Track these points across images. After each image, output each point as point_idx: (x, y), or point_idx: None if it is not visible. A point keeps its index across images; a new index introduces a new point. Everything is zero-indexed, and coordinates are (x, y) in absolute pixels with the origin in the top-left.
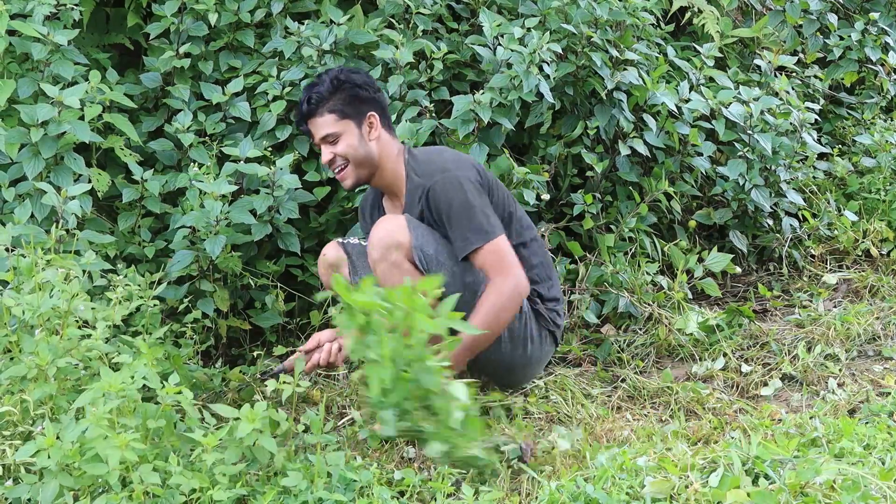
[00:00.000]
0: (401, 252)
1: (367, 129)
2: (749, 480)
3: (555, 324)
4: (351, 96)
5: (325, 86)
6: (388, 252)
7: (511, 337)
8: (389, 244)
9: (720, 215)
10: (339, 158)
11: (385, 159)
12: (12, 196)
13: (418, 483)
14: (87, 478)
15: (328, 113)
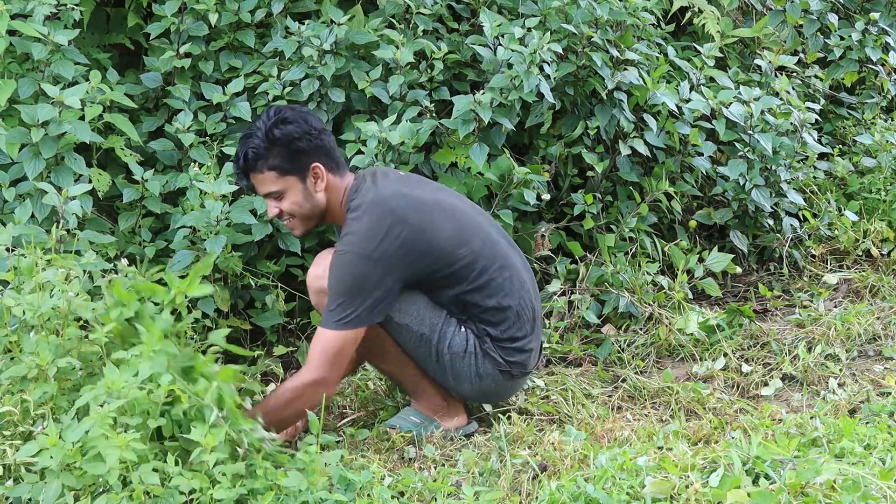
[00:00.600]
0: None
1: (313, 181)
2: (749, 480)
3: (508, 363)
4: (290, 151)
5: (260, 140)
6: (319, 297)
7: (454, 375)
8: (317, 288)
9: (721, 215)
10: (286, 214)
11: (333, 203)
12: (13, 196)
13: (418, 483)
14: (87, 477)
15: (268, 170)
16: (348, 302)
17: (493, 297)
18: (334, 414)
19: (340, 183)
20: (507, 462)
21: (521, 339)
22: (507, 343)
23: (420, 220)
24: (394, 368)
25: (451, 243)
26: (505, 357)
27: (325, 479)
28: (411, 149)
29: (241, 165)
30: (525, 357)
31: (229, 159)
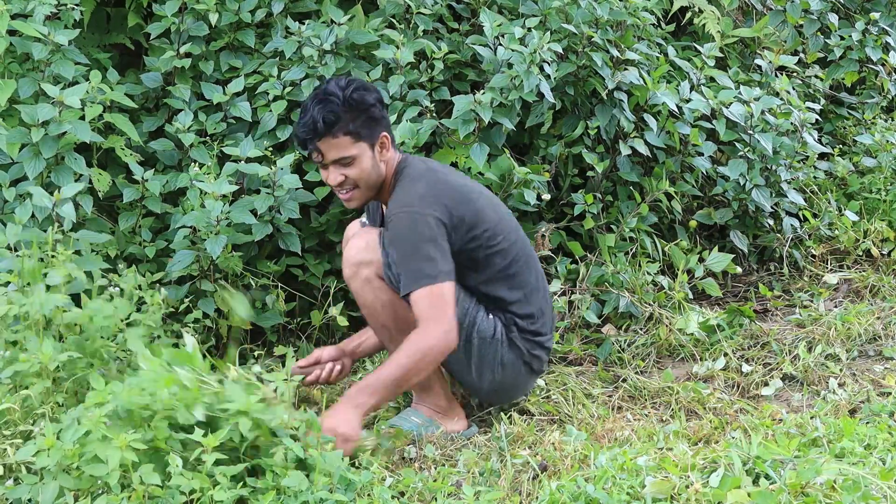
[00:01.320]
0: (370, 269)
1: (380, 150)
2: (749, 480)
3: (531, 354)
4: (367, 118)
5: (338, 105)
6: (358, 269)
7: (479, 362)
8: (358, 262)
9: (721, 215)
10: (349, 182)
11: (387, 176)
12: (13, 196)
13: (419, 483)
14: (87, 478)
15: (343, 135)
16: (431, 255)
17: (517, 290)
18: None
19: (394, 157)
20: (508, 462)
21: (543, 335)
22: (531, 336)
23: (471, 196)
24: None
25: (493, 227)
26: (529, 349)
27: (326, 479)
28: (412, 148)
29: (317, 129)
30: (544, 354)
31: (230, 159)
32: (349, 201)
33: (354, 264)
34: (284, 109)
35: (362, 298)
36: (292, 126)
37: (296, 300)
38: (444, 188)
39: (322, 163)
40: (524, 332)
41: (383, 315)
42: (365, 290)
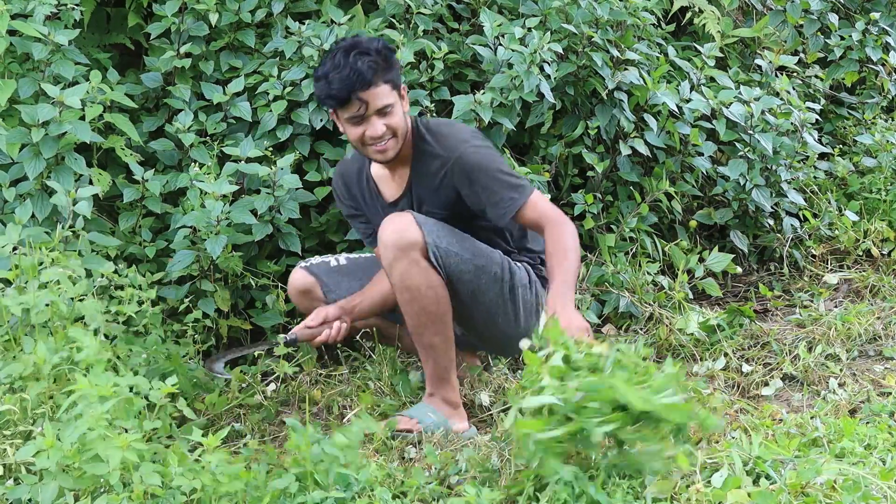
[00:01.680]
0: (416, 250)
1: (402, 101)
2: (750, 480)
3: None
4: (396, 69)
5: (374, 56)
6: (403, 252)
7: (525, 311)
8: (403, 244)
9: (721, 215)
10: (389, 131)
11: (408, 130)
12: (13, 196)
13: (421, 483)
14: (87, 478)
15: (383, 83)
16: (513, 172)
17: (526, 235)
18: (335, 414)
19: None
20: (508, 462)
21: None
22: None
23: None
24: (440, 344)
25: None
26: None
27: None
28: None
29: (363, 79)
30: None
31: (230, 159)
32: (385, 152)
33: (399, 248)
34: (284, 109)
35: (407, 281)
36: (292, 126)
37: None
38: (473, 128)
39: (363, 115)
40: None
41: (427, 297)
42: (412, 272)
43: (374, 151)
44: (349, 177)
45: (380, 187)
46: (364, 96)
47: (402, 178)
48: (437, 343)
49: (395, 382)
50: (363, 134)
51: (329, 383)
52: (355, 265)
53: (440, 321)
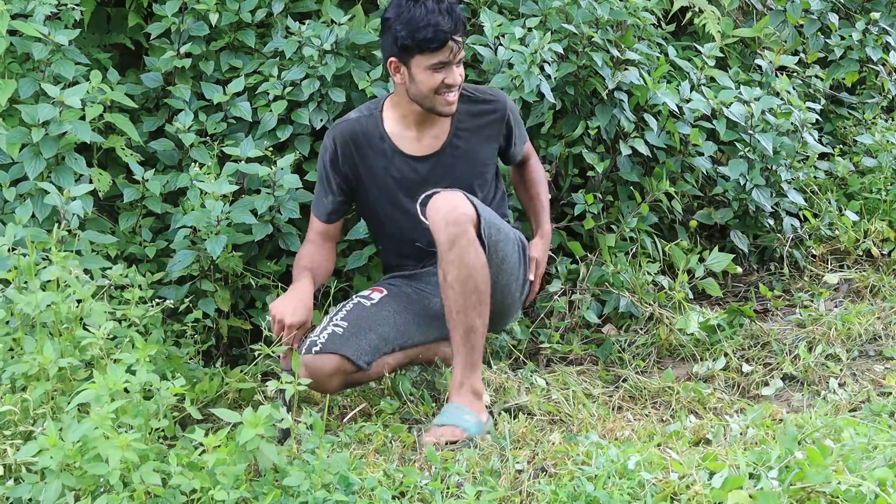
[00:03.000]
0: (472, 226)
1: None
2: (752, 483)
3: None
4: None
5: (458, 5)
6: (462, 229)
7: (525, 268)
8: (464, 220)
9: (721, 215)
10: (461, 82)
11: None
12: (13, 196)
13: (421, 483)
14: (88, 478)
15: (462, 34)
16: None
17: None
18: (335, 414)
19: None
20: (509, 462)
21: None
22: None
23: None
24: (480, 327)
25: None
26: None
27: (329, 477)
28: None
29: (460, 24)
30: None
31: (230, 159)
32: (452, 104)
33: (460, 224)
34: (285, 109)
35: (465, 259)
36: (292, 126)
37: None
38: None
39: (449, 61)
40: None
41: (481, 276)
42: (470, 250)
43: (443, 102)
44: (361, 134)
45: (399, 146)
46: (459, 40)
47: (437, 134)
48: (479, 325)
49: (396, 383)
50: (442, 81)
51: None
52: (354, 321)
53: (485, 302)
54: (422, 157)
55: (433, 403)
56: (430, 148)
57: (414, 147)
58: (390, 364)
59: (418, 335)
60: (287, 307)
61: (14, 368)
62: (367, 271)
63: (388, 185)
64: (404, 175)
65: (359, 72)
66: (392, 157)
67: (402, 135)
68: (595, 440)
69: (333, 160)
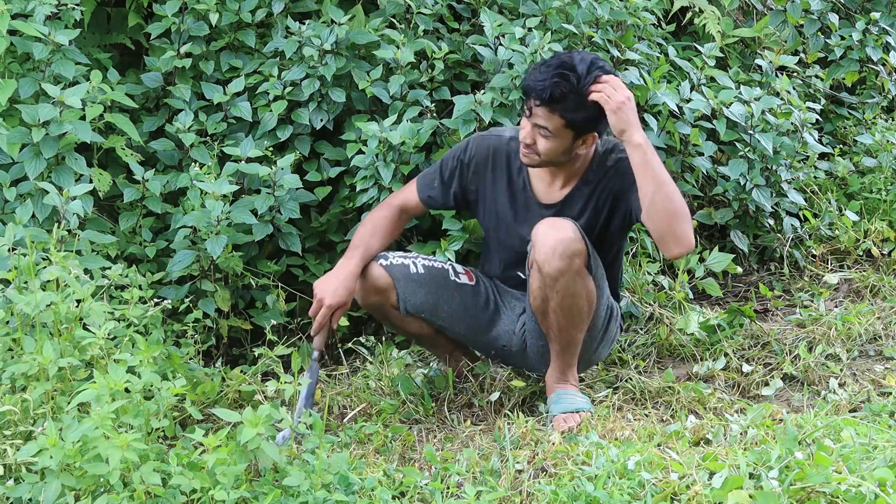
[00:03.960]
0: (581, 259)
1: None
2: (752, 483)
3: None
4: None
5: (565, 85)
6: (571, 261)
7: (607, 339)
8: (572, 252)
9: (721, 215)
10: (534, 148)
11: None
12: (14, 196)
13: (421, 483)
14: (88, 478)
15: (558, 115)
16: None
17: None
18: (335, 414)
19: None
20: (509, 462)
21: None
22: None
23: None
24: (580, 338)
25: None
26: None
27: (329, 477)
28: (412, 149)
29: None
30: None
31: (230, 159)
32: (524, 157)
33: (568, 256)
34: (285, 109)
35: (570, 289)
36: (292, 126)
37: (296, 300)
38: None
39: (527, 115)
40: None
41: (586, 305)
42: (577, 281)
43: (520, 148)
44: (501, 154)
45: (532, 182)
46: (540, 105)
47: (565, 183)
48: (578, 339)
49: (395, 383)
50: (521, 130)
51: (329, 383)
52: (431, 277)
53: (587, 319)
54: (549, 204)
55: (433, 403)
56: (558, 193)
57: (544, 187)
58: (420, 329)
59: (462, 333)
60: (329, 287)
61: (14, 368)
62: None
63: (507, 216)
64: (526, 214)
65: (359, 72)
66: (523, 190)
67: (539, 175)
68: (595, 440)
69: (465, 165)
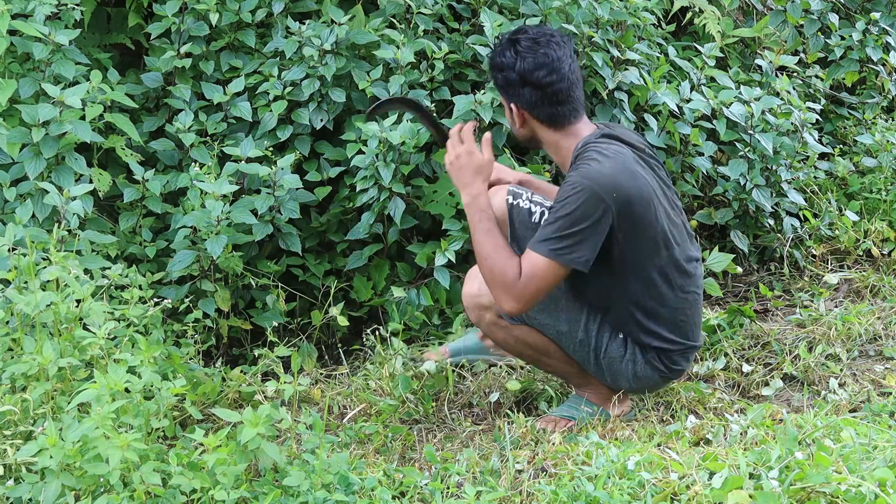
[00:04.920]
0: (490, 312)
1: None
2: (752, 483)
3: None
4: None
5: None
6: (481, 315)
7: (610, 370)
8: (478, 307)
9: (721, 215)
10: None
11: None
12: (14, 196)
13: (421, 483)
14: (88, 478)
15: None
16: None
17: (647, 291)
18: (335, 414)
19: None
20: (509, 462)
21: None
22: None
23: None
24: (558, 368)
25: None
26: (669, 365)
27: (329, 477)
28: (412, 149)
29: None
30: (683, 361)
31: (230, 159)
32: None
33: (476, 310)
34: (285, 109)
35: (496, 337)
36: (293, 126)
37: (296, 300)
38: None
39: None
40: (663, 352)
41: (522, 348)
42: (495, 331)
43: None
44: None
45: None
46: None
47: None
48: (552, 369)
49: (395, 383)
50: None
51: (329, 383)
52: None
53: (544, 357)
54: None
55: (433, 403)
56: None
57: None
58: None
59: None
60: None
61: (14, 368)
62: (366, 271)
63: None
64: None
65: (359, 72)
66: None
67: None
68: (595, 440)
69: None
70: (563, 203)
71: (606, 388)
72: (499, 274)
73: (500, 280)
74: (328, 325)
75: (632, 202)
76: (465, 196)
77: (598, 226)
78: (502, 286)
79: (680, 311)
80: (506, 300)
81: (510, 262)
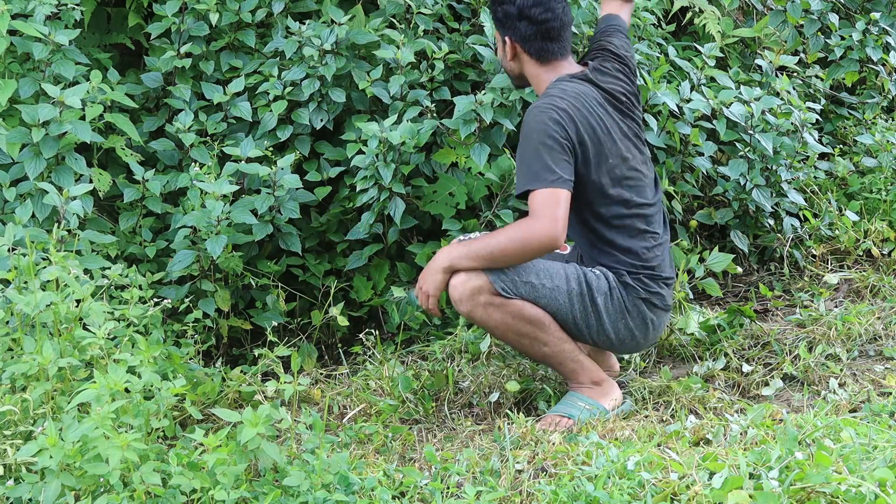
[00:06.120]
0: (485, 294)
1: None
2: (751, 483)
3: (646, 290)
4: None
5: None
6: (475, 299)
7: (608, 315)
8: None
9: (721, 215)
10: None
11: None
12: (13, 196)
13: (421, 483)
14: (88, 478)
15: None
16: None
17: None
18: (335, 414)
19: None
20: (509, 462)
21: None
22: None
23: None
24: (549, 352)
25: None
26: (639, 286)
27: (329, 477)
28: (412, 149)
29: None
30: (655, 287)
31: (230, 159)
32: None
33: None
34: (285, 109)
35: (489, 324)
36: (293, 126)
37: (296, 300)
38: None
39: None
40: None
41: (522, 325)
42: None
43: None
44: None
45: None
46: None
47: None
48: (547, 352)
49: (395, 383)
50: None
51: (329, 383)
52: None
53: (537, 336)
54: None
55: (433, 403)
56: None
57: None
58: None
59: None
60: None
61: (14, 368)
62: (366, 271)
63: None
64: None
65: (359, 72)
66: None
67: None
68: (595, 440)
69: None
70: (523, 142)
71: (598, 373)
72: (516, 237)
73: (523, 236)
74: (328, 325)
75: (583, 140)
76: (443, 261)
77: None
78: (528, 234)
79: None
80: (543, 235)
81: (509, 227)
